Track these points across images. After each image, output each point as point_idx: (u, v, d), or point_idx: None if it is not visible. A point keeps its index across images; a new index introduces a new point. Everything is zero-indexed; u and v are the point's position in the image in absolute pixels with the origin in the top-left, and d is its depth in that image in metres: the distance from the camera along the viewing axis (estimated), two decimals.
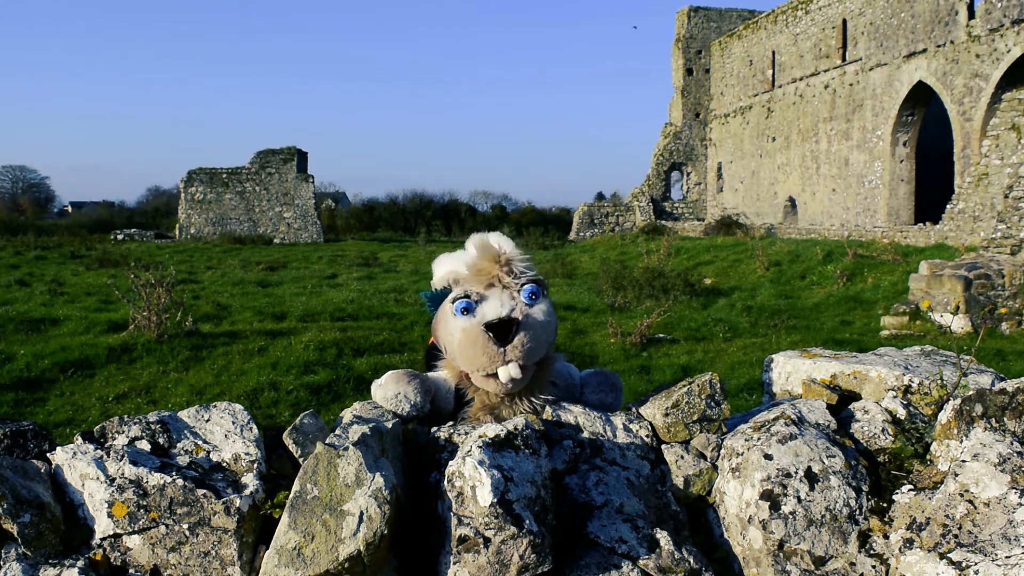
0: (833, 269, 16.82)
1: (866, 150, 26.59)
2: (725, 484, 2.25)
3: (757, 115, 33.98)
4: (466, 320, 2.29)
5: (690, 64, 37.97)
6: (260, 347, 9.44)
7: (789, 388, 2.75)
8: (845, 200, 27.78)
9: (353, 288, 16.38)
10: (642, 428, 2.39)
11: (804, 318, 12.47)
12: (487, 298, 2.32)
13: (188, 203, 35.72)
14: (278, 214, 35.93)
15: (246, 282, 17.71)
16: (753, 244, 21.63)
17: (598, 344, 10.41)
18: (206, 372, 8.47)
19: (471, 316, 2.29)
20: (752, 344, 10.32)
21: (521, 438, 2.16)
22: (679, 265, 20.07)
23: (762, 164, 33.61)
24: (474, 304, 2.30)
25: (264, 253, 27.69)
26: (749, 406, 6.24)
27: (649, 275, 15.48)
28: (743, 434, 2.32)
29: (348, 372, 8.27)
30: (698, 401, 2.38)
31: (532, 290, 2.34)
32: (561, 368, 2.59)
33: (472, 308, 2.30)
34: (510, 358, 2.25)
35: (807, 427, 2.32)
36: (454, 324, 2.32)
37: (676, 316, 12.18)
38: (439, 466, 2.20)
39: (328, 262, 24.57)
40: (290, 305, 13.09)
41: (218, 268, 21.90)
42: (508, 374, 2.27)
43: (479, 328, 2.25)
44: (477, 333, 2.25)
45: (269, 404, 7.34)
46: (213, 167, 36.21)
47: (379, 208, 50.16)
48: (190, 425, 2.23)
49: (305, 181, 36.02)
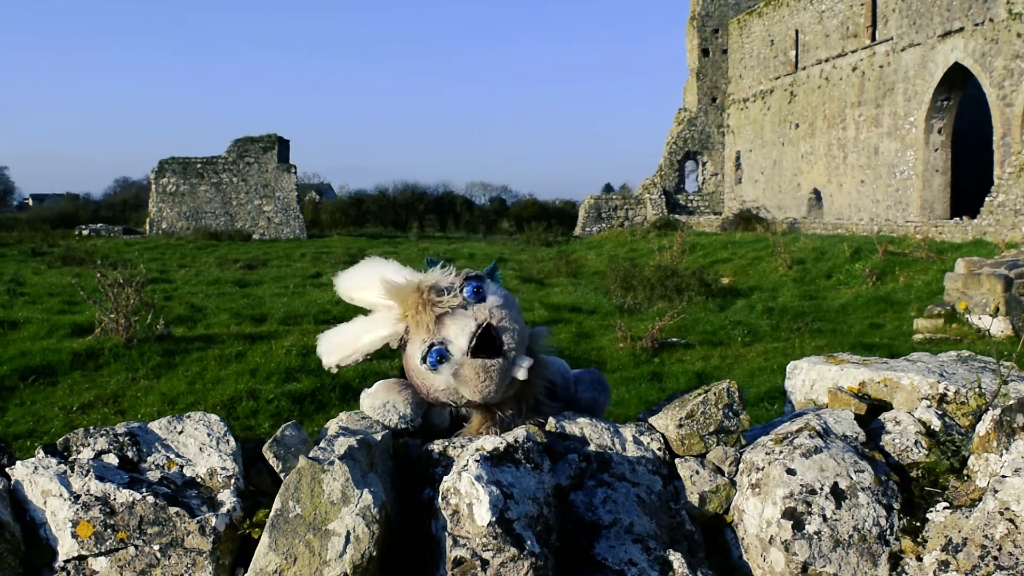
0: (862, 267, 16.82)
1: (898, 138, 26.59)
2: (744, 501, 2.25)
3: (779, 100, 33.98)
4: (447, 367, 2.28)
5: (706, 44, 37.98)
6: (238, 352, 9.43)
7: (814, 397, 2.75)
8: (875, 192, 27.78)
9: None
10: (654, 440, 2.39)
11: (830, 321, 12.47)
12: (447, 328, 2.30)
13: (159, 195, 35.72)
14: (257, 207, 35.93)
15: (222, 281, 17.70)
16: (774, 240, 21.63)
17: (606, 349, 10.41)
18: (179, 379, 8.47)
19: (450, 358, 2.28)
20: (773, 349, 10.31)
21: (522, 451, 2.16)
22: (694, 263, 20.07)
23: (784, 153, 33.61)
24: (443, 347, 2.28)
25: (242, 250, 27.69)
26: (770, 416, 6.23)
27: (661, 274, 15.47)
28: (764, 447, 2.32)
29: (334, 380, 8.26)
30: (714, 411, 2.38)
31: (473, 286, 2.34)
32: (557, 363, 2.62)
33: (445, 351, 2.28)
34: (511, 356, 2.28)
35: (833, 439, 2.32)
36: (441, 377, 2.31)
37: (691, 318, 12.17)
38: (433, 482, 2.20)
39: (312, 260, 24.55)
40: (270, 307, 13.08)
41: (192, 266, 21.89)
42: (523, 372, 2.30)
43: (468, 361, 2.26)
44: (472, 367, 2.26)
45: (248, 414, 7.33)
46: (187, 156, 36.22)
47: (367, 201, 50.16)
48: (162, 437, 2.23)
49: (287, 172, 36.02)
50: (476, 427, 2.40)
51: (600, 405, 2.59)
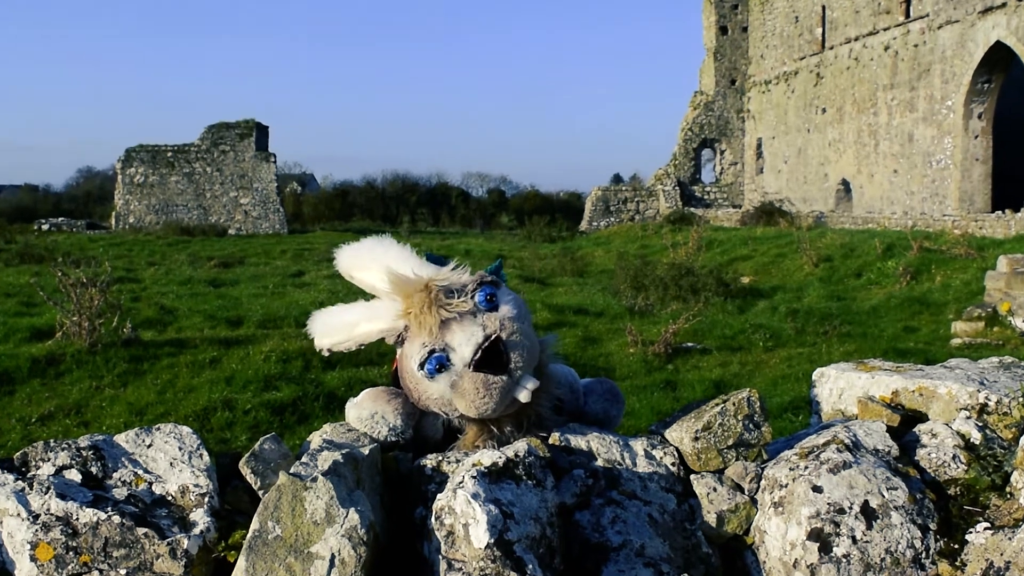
0: (894, 265, 16.83)
1: (934, 124, 26.60)
2: (766, 521, 2.25)
3: (804, 82, 33.98)
4: (446, 377, 2.26)
5: (724, 21, 37.99)
6: (212, 358, 9.43)
7: (842, 407, 2.75)
8: (909, 183, 27.79)
9: (323, 288, 16.37)
10: (667, 455, 2.39)
11: (860, 324, 12.47)
12: (452, 334, 2.27)
13: (126, 187, 35.74)
14: (233, 200, 35.95)
15: (195, 281, 17.71)
16: (799, 235, 21.64)
17: (615, 355, 10.41)
18: (148, 388, 8.47)
19: (450, 367, 2.26)
20: (798, 355, 10.32)
21: (523, 467, 2.16)
22: (711, 260, 20.07)
23: (810, 140, 33.62)
24: (444, 354, 2.26)
25: (217, 246, 27.69)
26: (795, 428, 6.23)
27: (675, 272, 15.48)
28: (788, 462, 2.32)
29: (317, 388, 8.27)
30: (734, 423, 2.37)
31: (487, 292, 2.31)
32: (564, 373, 2.62)
33: (445, 360, 2.26)
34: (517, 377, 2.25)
35: (864, 454, 2.32)
36: (429, 387, 2.30)
37: (707, 321, 12.18)
38: (425, 500, 2.20)
39: (293, 257, 24.56)
40: (248, 308, 13.08)
41: (162, 264, 21.89)
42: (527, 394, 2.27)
43: (468, 374, 2.24)
44: (472, 380, 2.24)
45: (223, 426, 7.33)
46: (156, 144, 36.23)
47: (354, 193, 50.16)
48: (129, 451, 2.22)
49: (266, 161, 36.04)
50: (471, 440, 2.40)
51: (612, 419, 2.58)
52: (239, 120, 36.51)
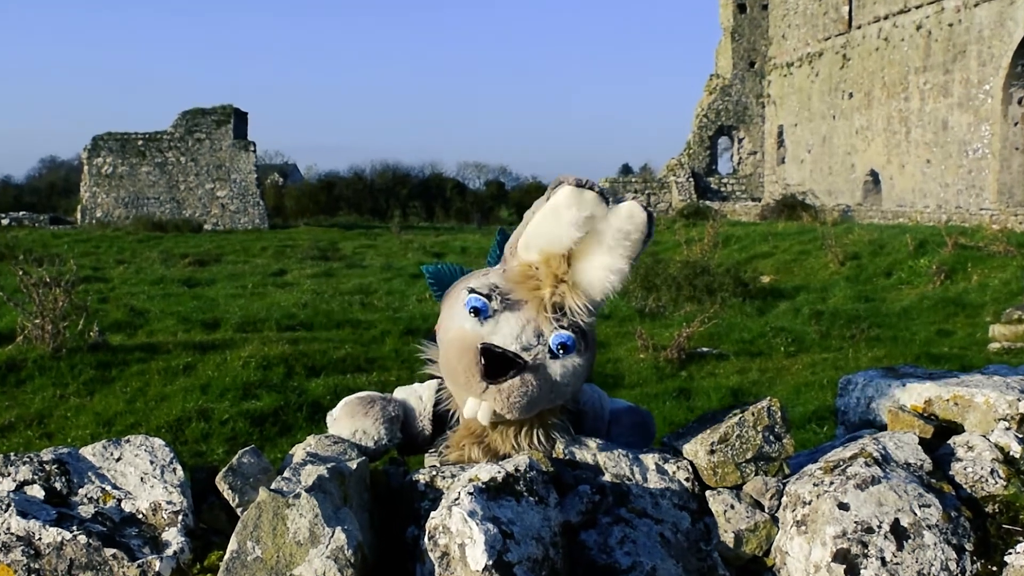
0: (927, 263, 16.83)
1: (970, 110, 26.61)
2: (788, 542, 2.25)
3: (829, 64, 33.99)
4: (470, 322, 2.29)
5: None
6: (186, 365, 9.44)
7: (870, 417, 2.75)
8: (943, 174, 27.80)
9: (307, 288, 16.38)
10: (680, 470, 2.39)
11: (890, 327, 12.48)
12: (513, 312, 2.29)
13: (93, 178, 35.75)
14: (209, 192, 35.96)
15: (168, 280, 17.72)
16: (824, 231, 21.65)
17: (623, 360, 10.42)
18: (116, 397, 8.47)
19: (478, 321, 2.28)
20: (823, 361, 10.32)
21: (524, 482, 2.16)
22: (728, 258, 20.08)
23: (835, 128, 33.63)
24: (490, 310, 2.28)
25: (192, 243, 27.70)
26: (819, 441, 6.23)
27: (689, 271, 15.48)
28: (811, 477, 2.32)
29: (300, 397, 8.27)
30: (753, 434, 2.38)
31: (565, 340, 2.29)
32: (592, 395, 2.60)
33: (485, 313, 2.28)
34: (487, 399, 2.24)
35: (894, 468, 2.32)
36: (456, 316, 2.33)
37: (724, 324, 12.18)
38: (418, 518, 2.20)
39: (274, 255, 24.57)
40: (225, 310, 13.08)
41: (132, 262, 21.89)
42: (474, 411, 2.27)
43: (476, 343, 2.24)
44: (470, 346, 2.25)
45: (198, 438, 7.34)
46: (125, 132, 36.22)
47: (340, 185, 50.14)
48: (96, 466, 2.22)
49: (244, 150, 36.04)
50: (460, 437, 2.42)
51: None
52: (216, 106, 36.49)
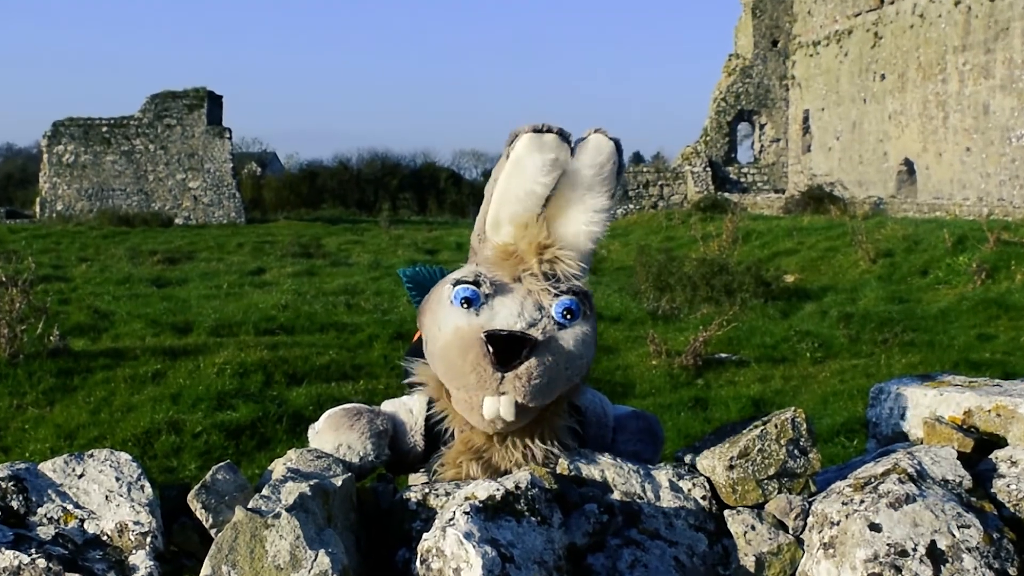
0: (967, 261, 16.82)
1: (1014, 92, 26.61)
2: (814, 566, 2.25)
3: (859, 43, 33.99)
4: (464, 316, 2.28)
5: None
6: (155, 372, 9.43)
7: (905, 430, 2.75)
8: (984, 163, 27.80)
9: (287, 288, 16.38)
10: (696, 487, 2.39)
11: (926, 331, 12.47)
12: (505, 295, 2.31)
13: (53, 167, 35.75)
14: (181, 183, 35.96)
15: (135, 280, 17.71)
16: (854, 225, 21.64)
17: (634, 367, 10.41)
18: (79, 407, 8.46)
19: (472, 312, 2.28)
20: (852, 368, 10.32)
21: (525, 500, 2.16)
22: (749, 255, 20.06)
23: (866, 112, 33.63)
24: (482, 297, 2.29)
25: (161, 238, 27.69)
26: (848, 455, 6.23)
27: (706, 270, 15.47)
28: (840, 495, 2.32)
29: (280, 407, 8.27)
30: (776, 448, 2.37)
31: (569, 305, 2.32)
32: (592, 400, 2.60)
33: (478, 301, 2.28)
34: (506, 390, 2.24)
35: (930, 485, 2.32)
36: (446, 316, 2.32)
37: (745, 328, 12.18)
38: (409, 540, 2.20)
39: (252, 252, 24.55)
40: (198, 313, 13.08)
41: (96, 260, 21.88)
42: (495, 410, 2.25)
43: (477, 334, 2.24)
44: (473, 340, 2.24)
45: (168, 453, 7.33)
46: (89, 117, 36.22)
47: (324, 175, 50.17)
48: (56, 483, 2.22)
49: (219, 137, 36.05)
50: (457, 452, 2.41)
51: (646, 462, 2.56)
52: (187, 89, 36.49)
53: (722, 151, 38.01)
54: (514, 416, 2.26)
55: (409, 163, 53.88)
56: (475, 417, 2.32)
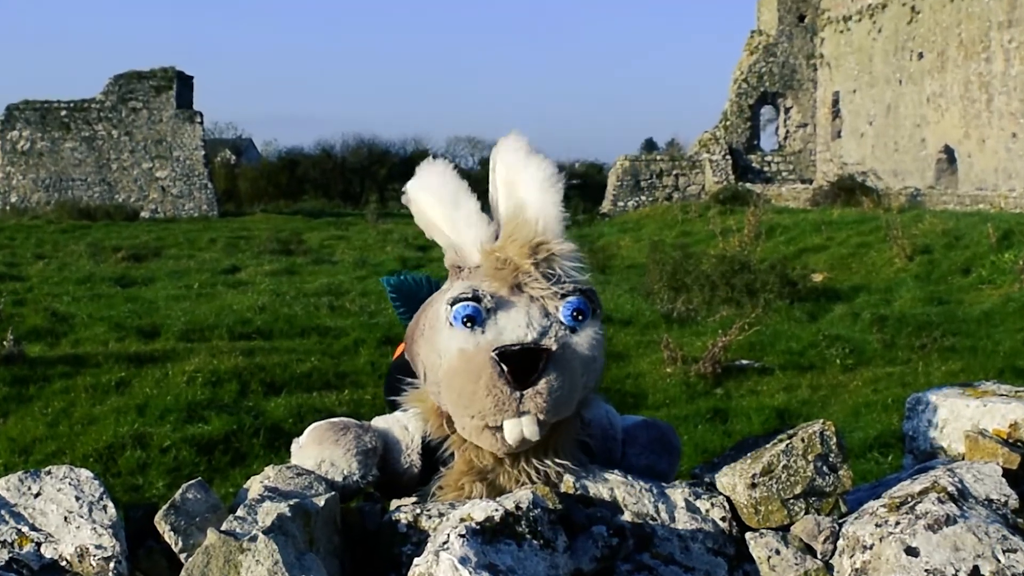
0: (1013, 258, 16.81)
1: None
2: None
3: (895, 18, 33.98)
4: (468, 337, 2.27)
5: None
6: (119, 381, 9.42)
7: (944, 444, 2.75)
8: None
9: (264, 289, 16.36)
10: (715, 507, 2.39)
11: (968, 335, 12.47)
12: (506, 307, 2.30)
13: (7, 156, 35.76)
14: (147, 173, 35.97)
15: (97, 279, 17.71)
16: (888, 219, 21.64)
17: (646, 375, 10.41)
18: (35, 419, 8.45)
19: (477, 331, 2.27)
20: (886, 376, 10.32)
21: (526, 522, 2.16)
22: (773, 252, 20.06)
23: (902, 95, 33.62)
24: (484, 313, 2.28)
25: (126, 233, 27.70)
26: (882, 472, 6.22)
27: (726, 268, 15.47)
28: (873, 516, 2.32)
29: (257, 420, 8.26)
30: (803, 465, 2.37)
31: (578, 305, 2.33)
32: (597, 412, 2.59)
33: (480, 318, 2.27)
34: (527, 409, 2.23)
35: (972, 505, 2.32)
36: (447, 340, 2.31)
37: (768, 332, 12.17)
38: (398, 565, 2.20)
39: (225, 248, 24.55)
40: (166, 315, 13.06)
41: (54, 257, 21.88)
42: (519, 432, 2.25)
43: (487, 355, 2.23)
44: (483, 362, 2.23)
45: (134, 469, 7.33)
46: (46, 100, 36.24)
47: (305, 164, 50.18)
48: (10, 503, 2.22)
49: (189, 122, 36.06)
50: (459, 475, 2.40)
51: (661, 475, 2.56)
52: (155, 68, 36.51)
53: (743, 137, 38.00)
54: (536, 434, 2.26)
55: (399, 150, 53.89)
56: (486, 439, 2.31)
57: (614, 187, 36.46)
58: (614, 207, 35.78)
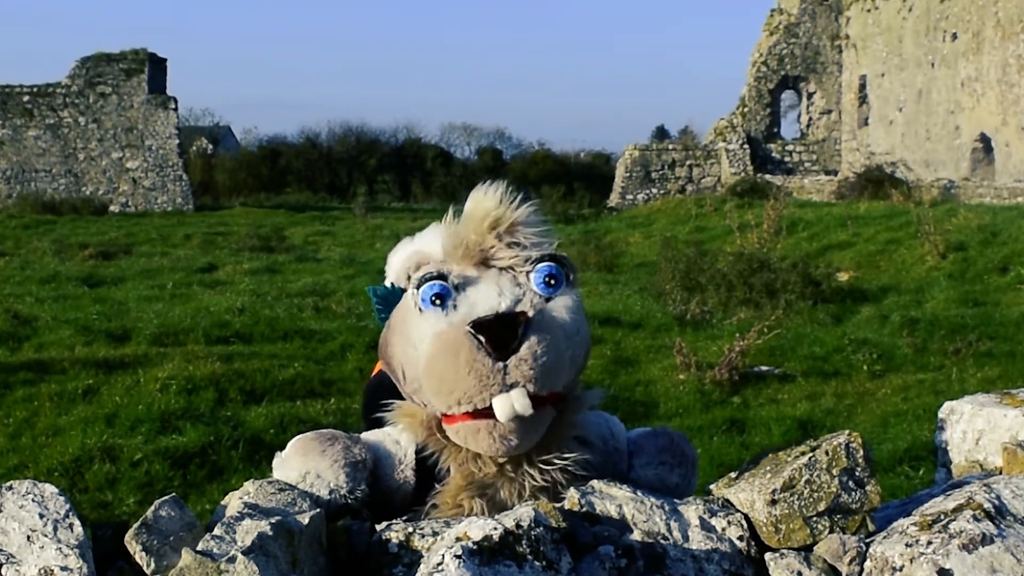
0: None
1: None
2: None
3: None
4: (440, 318, 2.29)
5: None
6: (87, 388, 9.42)
7: (980, 457, 2.76)
8: None
9: (244, 289, 16.37)
10: (732, 525, 2.39)
11: (1006, 339, 12.48)
12: (475, 282, 2.34)
13: None
14: (117, 163, 35.99)
15: (63, 278, 17.70)
16: (919, 214, 21.65)
17: (658, 382, 10.41)
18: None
19: (447, 310, 2.29)
20: (917, 383, 10.32)
21: (528, 541, 2.16)
22: (795, 249, 20.08)
23: (934, 79, 33.63)
24: (453, 291, 2.31)
25: (94, 229, 27.72)
26: (913, 487, 6.23)
27: (744, 266, 15.48)
28: (903, 535, 2.32)
29: (235, 431, 8.26)
30: (827, 479, 2.38)
31: (550, 271, 2.36)
32: (596, 421, 2.59)
33: (449, 297, 2.30)
34: (514, 379, 2.24)
35: (1011, 523, 2.32)
36: (419, 327, 2.33)
37: (790, 336, 12.18)
38: None
39: (202, 244, 24.58)
40: (137, 317, 13.06)
41: (16, 254, 21.89)
42: (509, 408, 2.25)
43: (462, 329, 2.25)
44: (458, 338, 2.24)
45: (102, 484, 7.33)
46: (7, 84, 36.26)
47: (287, 154, 50.22)
48: None
49: (163, 108, 36.08)
50: (456, 490, 2.41)
51: (673, 490, 2.54)
52: (125, 50, 36.52)
53: (763, 125, 38.02)
54: (531, 408, 2.26)
55: (389, 139, 53.90)
56: (483, 440, 2.31)
57: (622, 179, 36.47)
58: (622, 200, 35.80)
